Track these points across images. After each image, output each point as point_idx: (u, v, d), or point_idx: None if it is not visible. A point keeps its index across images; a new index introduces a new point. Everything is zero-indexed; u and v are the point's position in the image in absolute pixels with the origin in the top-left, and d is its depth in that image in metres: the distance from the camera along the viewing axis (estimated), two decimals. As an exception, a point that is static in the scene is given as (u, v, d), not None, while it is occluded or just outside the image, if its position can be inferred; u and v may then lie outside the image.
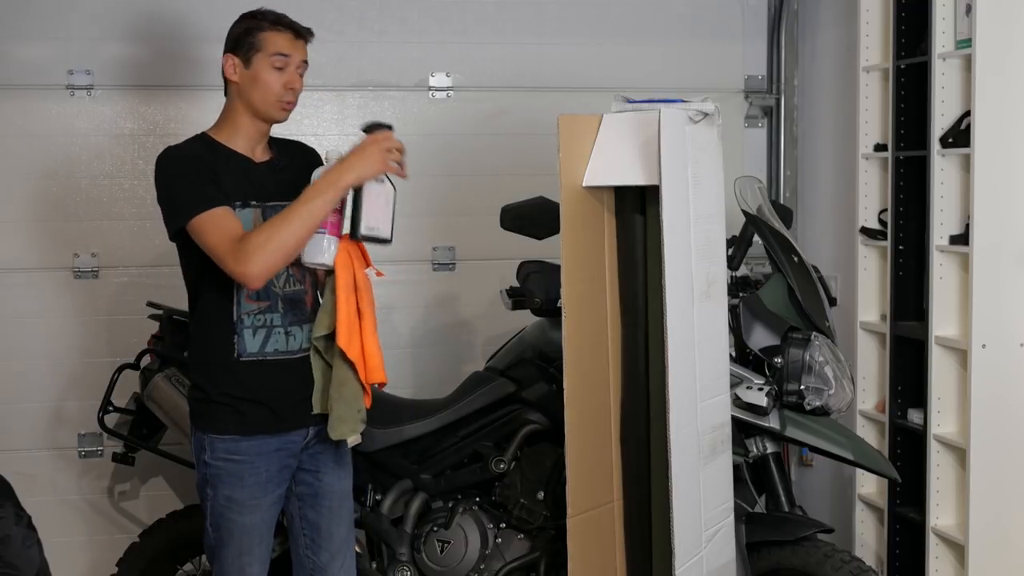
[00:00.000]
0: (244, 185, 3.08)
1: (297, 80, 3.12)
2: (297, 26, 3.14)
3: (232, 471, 3.11)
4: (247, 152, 3.15)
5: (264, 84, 3.09)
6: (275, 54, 3.09)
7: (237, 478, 3.11)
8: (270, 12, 3.15)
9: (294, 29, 3.13)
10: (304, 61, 3.15)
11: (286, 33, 3.11)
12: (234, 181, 3.06)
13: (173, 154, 3.09)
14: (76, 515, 4.61)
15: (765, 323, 3.66)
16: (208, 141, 3.15)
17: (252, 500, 3.12)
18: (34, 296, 4.54)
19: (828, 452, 3.66)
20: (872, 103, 4.44)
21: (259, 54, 3.09)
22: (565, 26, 4.91)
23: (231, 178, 3.07)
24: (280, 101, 3.11)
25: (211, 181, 3.02)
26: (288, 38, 3.11)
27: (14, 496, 3.01)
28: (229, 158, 3.10)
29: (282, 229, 2.95)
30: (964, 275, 3.98)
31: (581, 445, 3.21)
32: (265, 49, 3.09)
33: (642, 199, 3.23)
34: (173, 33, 4.56)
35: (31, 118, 4.52)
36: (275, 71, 3.09)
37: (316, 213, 2.97)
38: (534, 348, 3.93)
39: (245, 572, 3.14)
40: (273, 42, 3.10)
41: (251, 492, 3.11)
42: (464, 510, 3.88)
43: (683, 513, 3.11)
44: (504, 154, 4.81)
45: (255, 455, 3.11)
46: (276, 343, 3.11)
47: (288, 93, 3.11)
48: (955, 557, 4.06)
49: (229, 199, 3.03)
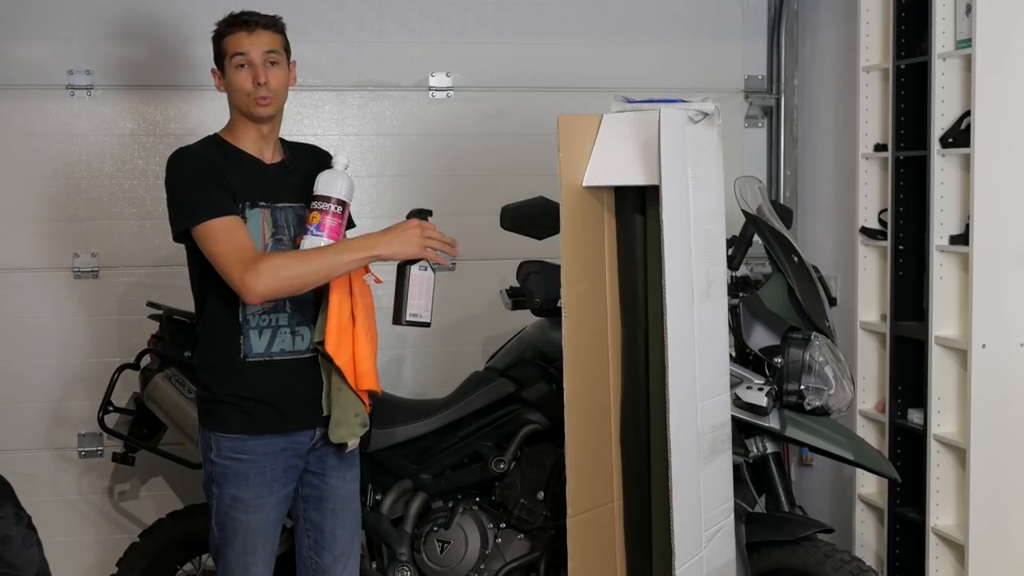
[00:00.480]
0: (253, 186, 3.09)
1: (263, 72, 3.08)
2: (251, 19, 3.10)
3: (238, 470, 3.11)
4: (257, 153, 3.16)
5: (235, 87, 3.11)
6: (234, 54, 3.09)
7: (243, 477, 3.11)
8: (231, 15, 3.14)
9: (246, 23, 3.09)
10: (271, 51, 3.10)
11: (240, 31, 3.09)
12: (244, 181, 3.07)
13: (184, 155, 3.10)
14: (76, 515, 4.61)
15: (765, 323, 3.66)
16: (219, 142, 3.16)
17: (257, 499, 3.12)
18: (34, 296, 4.54)
19: (828, 452, 3.66)
20: (872, 103, 4.44)
21: (225, 59, 3.11)
22: (565, 26, 4.90)
23: (241, 178, 3.07)
24: (252, 98, 3.09)
25: (220, 186, 3.03)
26: (243, 35, 3.08)
27: (14, 496, 3.01)
28: (240, 159, 3.12)
29: (302, 264, 3.00)
30: (964, 275, 3.98)
31: (581, 445, 3.21)
32: (227, 53, 3.10)
33: (642, 199, 3.23)
34: (173, 33, 4.56)
35: (31, 118, 4.52)
36: (239, 70, 3.09)
37: (338, 268, 3.03)
38: (534, 348, 3.93)
39: (249, 572, 3.14)
40: (231, 44, 3.10)
41: (256, 491, 3.11)
42: (464, 510, 3.88)
43: (683, 513, 3.11)
44: (504, 154, 4.81)
45: (261, 454, 3.11)
46: (283, 343, 3.12)
47: (259, 88, 3.08)
48: (955, 557, 4.06)
49: (238, 201, 3.05)
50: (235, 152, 3.12)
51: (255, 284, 2.94)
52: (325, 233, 3.04)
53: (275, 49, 3.11)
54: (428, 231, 3.09)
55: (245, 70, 3.08)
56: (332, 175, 3.09)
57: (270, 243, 3.10)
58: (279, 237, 3.11)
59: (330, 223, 3.04)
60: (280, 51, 3.13)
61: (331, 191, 3.07)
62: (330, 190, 3.07)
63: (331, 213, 3.05)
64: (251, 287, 2.95)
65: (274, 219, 3.10)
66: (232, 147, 3.14)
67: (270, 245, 3.09)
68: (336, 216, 3.05)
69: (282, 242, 3.11)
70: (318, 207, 3.06)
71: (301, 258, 3.00)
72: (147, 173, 4.60)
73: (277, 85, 3.11)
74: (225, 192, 3.03)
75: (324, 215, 3.05)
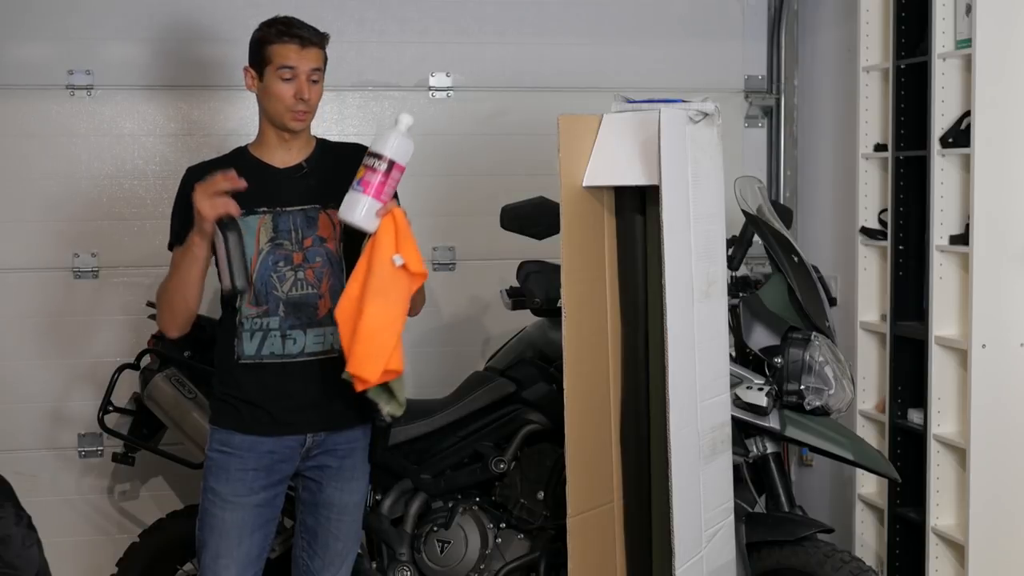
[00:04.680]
0: (255, 191, 3.06)
1: (307, 89, 3.09)
2: (304, 34, 3.10)
3: (221, 463, 3.14)
4: (272, 158, 3.16)
5: (275, 96, 3.10)
6: (281, 67, 3.08)
7: (224, 471, 3.13)
8: (280, 22, 3.13)
9: (300, 38, 3.09)
10: (316, 68, 3.12)
11: (292, 44, 3.09)
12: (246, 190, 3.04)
13: (186, 174, 3.18)
14: (76, 515, 4.61)
15: (765, 323, 3.66)
16: (237, 155, 3.20)
17: (234, 496, 3.12)
18: (34, 296, 4.54)
19: (828, 452, 3.66)
20: (872, 103, 4.44)
21: (269, 67, 3.10)
22: (565, 26, 4.90)
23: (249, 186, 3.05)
24: (291, 111, 3.10)
25: None
26: (294, 48, 3.09)
27: (14, 496, 3.01)
28: (252, 168, 3.10)
29: (163, 287, 3.11)
30: (964, 275, 3.98)
31: (581, 445, 3.21)
32: (273, 62, 3.09)
33: (642, 199, 3.23)
34: (173, 33, 4.56)
35: (31, 118, 4.52)
36: (283, 82, 3.09)
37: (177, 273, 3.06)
38: (534, 348, 3.93)
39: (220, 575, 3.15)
40: (280, 54, 3.09)
41: (234, 487, 3.12)
42: (464, 510, 3.88)
43: (683, 513, 3.11)
44: (504, 154, 4.81)
45: (245, 450, 3.13)
46: (272, 347, 3.12)
47: (299, 103, 3.09)
48: (955, 557, 4.06)
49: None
50: (250, 163, 3.11)
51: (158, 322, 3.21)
52: (363, 189, 2.90)
53: (320, 67, 3.14)
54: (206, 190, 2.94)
55: (290, 83, 3.09)
56: (387, 132, 2.94)
57: (265, 248, 3.09)
58: (279, 242, 3.10)
59: (373, 180, 2.90)
60: (322, 68, 3.16)
61: (382, 148, 2.91)
62: (380, 147, 2.92)
63: (377, 171, 2.90)
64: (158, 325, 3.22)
65: (275, 224, 3.10)
66: (250, 157, 3.14)
67: (266, 250, 3.09)
68: (382, 175, 2.90)
69: (283, 247, 3.10)
70: (366, 163, 2.93)
71: (163, 284, 3.12)
72: (147, 173, 4.60)
73: (315, 102, 3.14)
74: None
75: (368, 171, 2.91)
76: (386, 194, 2.93)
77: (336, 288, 3.10)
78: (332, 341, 3.12)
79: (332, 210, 3.09)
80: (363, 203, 2.92)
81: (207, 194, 2.94)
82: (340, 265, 3.15)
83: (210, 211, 2.94)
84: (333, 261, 3.14)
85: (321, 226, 3.13)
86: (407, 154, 2.95)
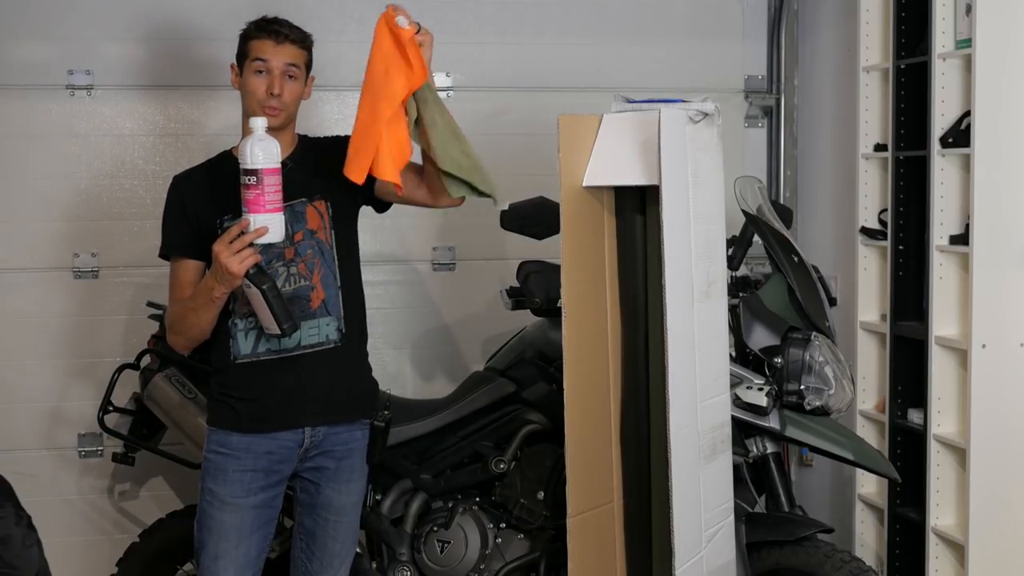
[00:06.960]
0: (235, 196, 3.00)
1: (279, 84, 3.10)
2: (281, 30, 3.13)
3: (219, 464, 3.14)
4: None
5: (248, 90, 3.13)
6: (255, 59, 3.11)
7: (221, 472, 3.14)
8: (263, 19, 3.17)
9: (276, 33, 3.12)
10: (292, 64, 3.12)
11: (268, 39, 3.12)
12: (226, 195, 3.06)
13: (171, 185, 3.23)
14: (76, 515, 4.61)
15: (765, 323, 3.66)
16: (221, 159, 3.22)
17: (232, 497, 3.12)
18: (34, 296, 4.54)
19: (828, 452, 3.66)
20: (872, 103, 4.44)
21: (246, 61, 3.14)
22: (565, 26, 4.90)
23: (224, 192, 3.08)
24: (262, 106, 3.10)
25: (181, 221, 3.15)
26: (269, 43, 3.11)
27: (14, 496, 3.01)
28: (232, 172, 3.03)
29: (178, 319, 3.14)
30: (964, 275, 3.98)
31: (581, 445, 3.21)
32: (249, 55, 3.13)
33: (642, 199, 3.23)
34: (173, 33, 4.56)
35: (31, 118, 4.52)
36: (256, 75, 3.11)
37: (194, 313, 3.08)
38: (534, 348, 3.93)
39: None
40: (255, 47, 3.12)
41: (232, 488, 3.12)
42: (464, 510, 3.88)
43: (683, 513, 3.11)
44: (504, 154, 4.80)
45: (243, 451, 3.13)
46: (268, 343, 3.13)
47: (270, 98, 3.09)
48: (955, 557, 4.06)
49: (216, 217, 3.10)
50: (233, 166, 3.02)
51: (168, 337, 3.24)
52: (249, 210, 2.89)
53: (296, 64, 3.14)
54: (231, 247, 2.91)
55: (263, 76, 3.11)
56: (244, 145, 2.92)
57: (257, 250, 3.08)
58: None
59: (253, 196, 2.89)
60: (301, 66, 3.16)
61: (244, 162, 2.90)
62: (243, 162, 2.90)
63: (252, 187, 2.89)
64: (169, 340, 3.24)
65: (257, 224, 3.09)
66: (233, 160, 3.08)
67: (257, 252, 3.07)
68: (256, 188, 2.88)
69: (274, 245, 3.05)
70: (242, 183, 2.91)
71: (177, 311, 3.15)
72: (147, 173, 4.60)
73: (289, 99, 3.14)
74: (183, 227, 3.14)
75: (246, 190, 2.91)
76: (270, 201, 2.91)
77: (328, 276, 3.15)
78: (327, 332, 3.15)
79: (319, 201, 3.15)
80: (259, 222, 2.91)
81: (231, 251, 2.91)
82: (332, 253, 3.17)
83: (238, 268, 2.92)
84: (324, 250, 3.17)
85: (309, 219, 3.16)
86: (273, 154, 2.93)
